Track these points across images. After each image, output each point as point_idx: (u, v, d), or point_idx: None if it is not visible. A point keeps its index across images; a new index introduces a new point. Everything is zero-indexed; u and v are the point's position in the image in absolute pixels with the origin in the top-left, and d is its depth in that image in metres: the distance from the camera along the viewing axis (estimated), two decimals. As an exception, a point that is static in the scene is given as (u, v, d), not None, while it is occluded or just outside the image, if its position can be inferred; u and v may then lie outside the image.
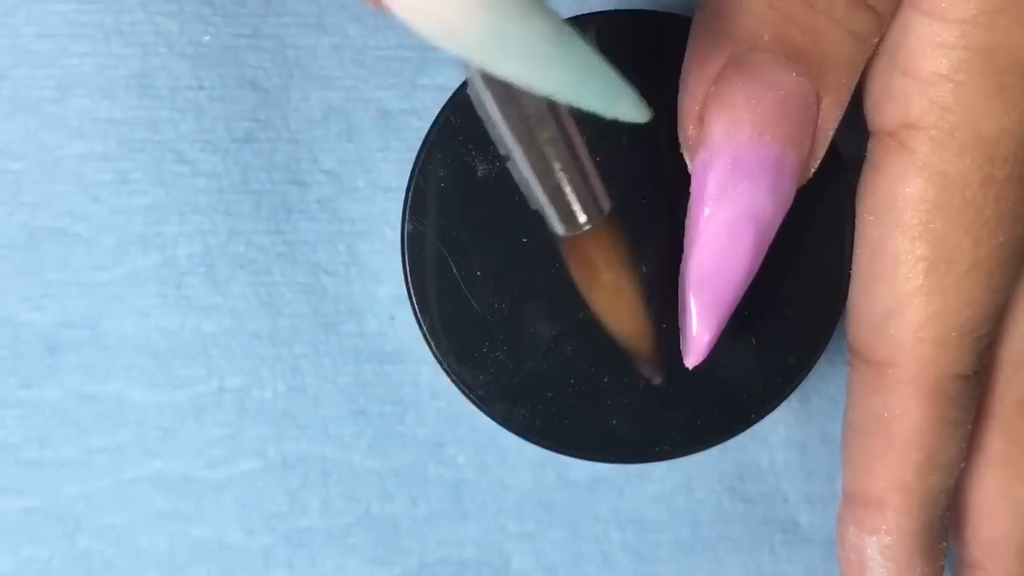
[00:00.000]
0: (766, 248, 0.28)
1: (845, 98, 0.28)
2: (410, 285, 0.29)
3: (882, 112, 0.29)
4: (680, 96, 0.28)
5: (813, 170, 0.29)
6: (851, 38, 0.28)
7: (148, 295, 0.35)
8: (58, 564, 0.35)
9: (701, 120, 0.28)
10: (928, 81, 0.28)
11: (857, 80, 0.29)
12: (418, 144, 0.30)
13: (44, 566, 0.35)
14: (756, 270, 0.28)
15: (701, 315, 0.28)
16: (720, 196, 0.27)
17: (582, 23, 0.30)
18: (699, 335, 0.28)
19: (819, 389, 0.36)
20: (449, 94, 0.30)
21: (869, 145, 0.30)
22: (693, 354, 0.28)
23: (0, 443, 0.35)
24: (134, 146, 0.35)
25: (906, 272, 0.28)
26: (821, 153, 0.28)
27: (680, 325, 0.29)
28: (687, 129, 0.28)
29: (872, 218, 0.29)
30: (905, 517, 0.30)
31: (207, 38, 0.35)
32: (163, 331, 0.35)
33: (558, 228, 0.25)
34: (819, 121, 0.28)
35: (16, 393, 0.35)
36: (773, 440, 0.36)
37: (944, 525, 0.31)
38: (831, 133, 0.28)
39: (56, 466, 0.35)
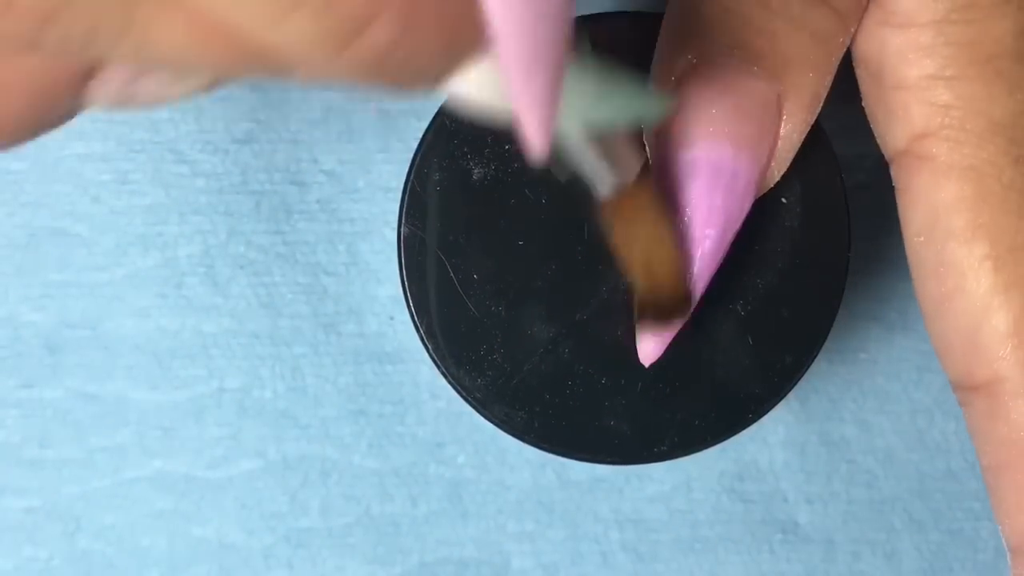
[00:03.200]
0: (724, 249, 0.28)
1: (810, 101, 0.28)
2: (407, 288, 0.29)
3: (890, 133, 0.28)
4: None
5: (777, 176, 0.28)
6: (810, 38, 0.27)
7: (148, 295, 0.35)
8: (58, 564, 0.35)
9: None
10: (920, 87, 0.27)
11: (827, 82, 0.28)
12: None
13: (44, 566, 0.35)
14: (713, 270, 0.28)
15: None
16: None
17: (577, 26, 0.30)
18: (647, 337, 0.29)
19: (818, 389, 0.36)
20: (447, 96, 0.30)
21: (892, 174, 0.29)
22: (645, 354, 0.29)
23: (0, 443, 0.35)
24: (134, 146, 0.35)
25: (975, 277, 0.27)
26: (786, 158, 0.28)
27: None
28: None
29: (921, 239, 0.28)
30: None
31: (207, 38, 0.35)
32: (163, 331, 0.35)
33: (608, 182, 0.25)
34: (782, 126, 0.27)
35: (16, 393, 0.35)
36: (772, 440, 0.36)
37: None
38: (797, 138, 0.28)
39: (56, 466, 0.35)
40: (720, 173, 0.27)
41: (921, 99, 0.27)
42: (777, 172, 0.28)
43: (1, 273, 0.35)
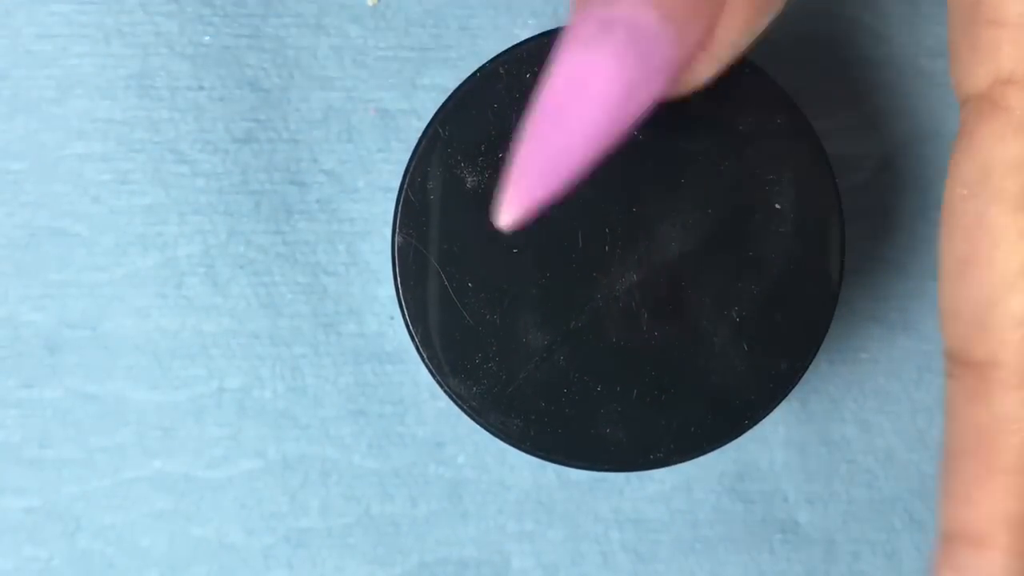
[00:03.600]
0: (621, 121, 0.24)
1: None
2: (401, 297, 0.29)
3: (971, 72, 0.25)
4: None
5: (706, 75, 0.26)
6: None
7: (148, 295, 0.35)
8: (58, 564, 0.35)
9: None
10: (1019, 25, 0.24)
11: None
12: (418, 145, 0.30)
13: (44, 566, 0.35)
14: (601, 139, 0.24)
15: (524, 166, 0.25)
16: (579, 47, 0.24)
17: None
18: (516, 185, 0.25)
19: (819, 389, 0.36)
20: (448, 94, 0.30)
21: (961, 116, 0.26)
22: (506, 211, 0.25)
23: (0, 443, 0.35)
24: (134, 146, 0.35)
25: (1007, 250, 0.24)
26: (722, 56, 0.25)
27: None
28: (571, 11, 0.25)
29: (965, 191, 0.25)
30: (1013, 559, 0.25)
31: (207, 38, 0.35)
32: (163, 331, 0.35)
33: None
34: (722, 17, 0.25)
35: (16, 393, 0.35)
36: (773, 440, 0.36)
37: None
38: (737, 36, 0.25)
39: (56, 466, 0.35)
40: (637, 37, 0.24)
41: (1015, 39, 0.25)
42: (707, 71, 0.26)
43: (1, 273, 0.35)
